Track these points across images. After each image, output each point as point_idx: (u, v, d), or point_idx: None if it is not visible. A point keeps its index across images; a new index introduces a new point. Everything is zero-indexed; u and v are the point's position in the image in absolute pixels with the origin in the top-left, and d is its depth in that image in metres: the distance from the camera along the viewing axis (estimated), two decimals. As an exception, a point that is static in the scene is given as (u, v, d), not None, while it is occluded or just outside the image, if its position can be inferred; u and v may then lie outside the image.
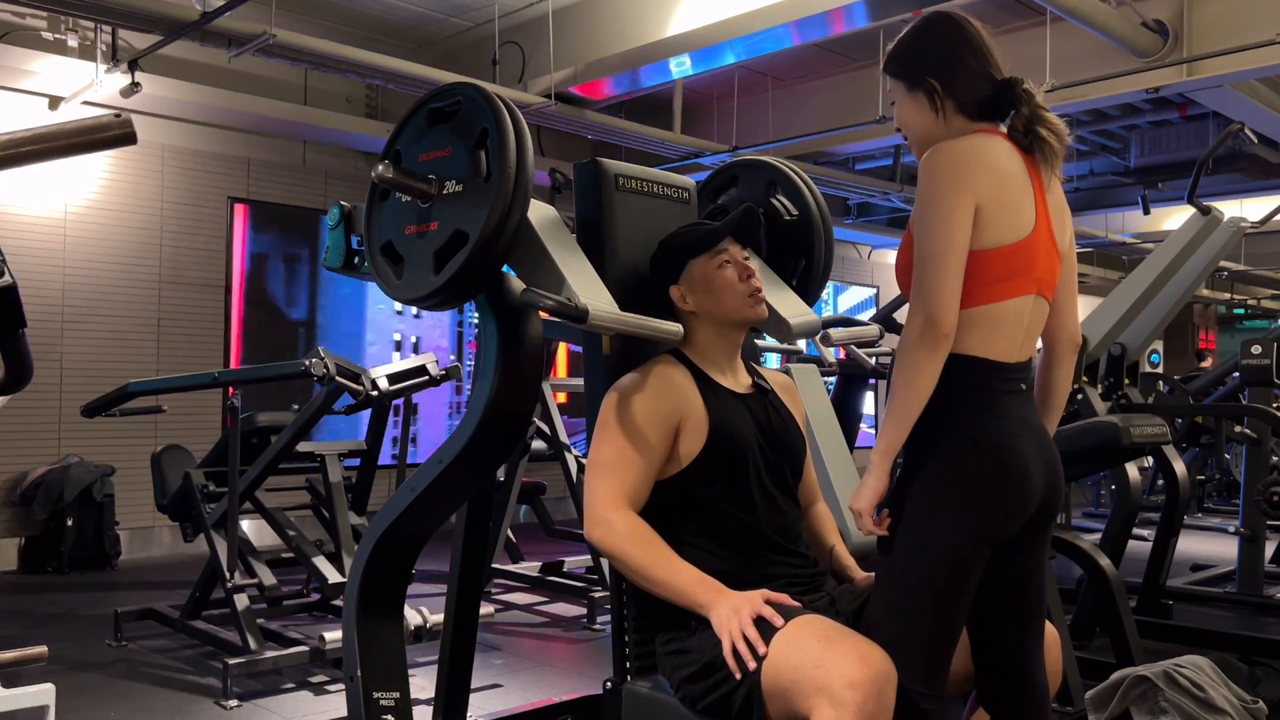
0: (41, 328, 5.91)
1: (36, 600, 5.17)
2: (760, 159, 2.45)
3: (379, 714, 2.04)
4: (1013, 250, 1.69)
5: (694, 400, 1.91)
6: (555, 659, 4.23)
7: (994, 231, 1.67)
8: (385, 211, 1.98)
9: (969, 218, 1.65)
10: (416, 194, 1.89)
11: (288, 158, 7.18)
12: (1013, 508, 1.69)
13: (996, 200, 1.68)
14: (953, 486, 1.67)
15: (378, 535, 2.06)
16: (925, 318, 1.63)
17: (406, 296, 1.91)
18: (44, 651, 2.42)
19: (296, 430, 4.04)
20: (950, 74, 1.77)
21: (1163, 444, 3.85)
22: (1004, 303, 1.70)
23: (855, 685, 1.52)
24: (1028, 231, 1.71)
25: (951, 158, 1.69)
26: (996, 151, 1.72)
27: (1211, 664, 3.08)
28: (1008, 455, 1.67)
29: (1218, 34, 5.46)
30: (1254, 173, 8.95)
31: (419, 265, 1.88)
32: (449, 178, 1.86)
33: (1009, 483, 1.67)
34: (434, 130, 1.92)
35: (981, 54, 1.79)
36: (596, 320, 1.74)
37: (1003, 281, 1.69)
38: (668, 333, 1.85)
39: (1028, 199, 1.73)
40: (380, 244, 1.98)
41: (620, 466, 1.83)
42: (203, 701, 3.55)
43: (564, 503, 6.77)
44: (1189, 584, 5.22)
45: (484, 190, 1.80)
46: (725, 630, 1.69)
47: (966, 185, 1.66)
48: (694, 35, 5.65)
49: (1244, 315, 17.57)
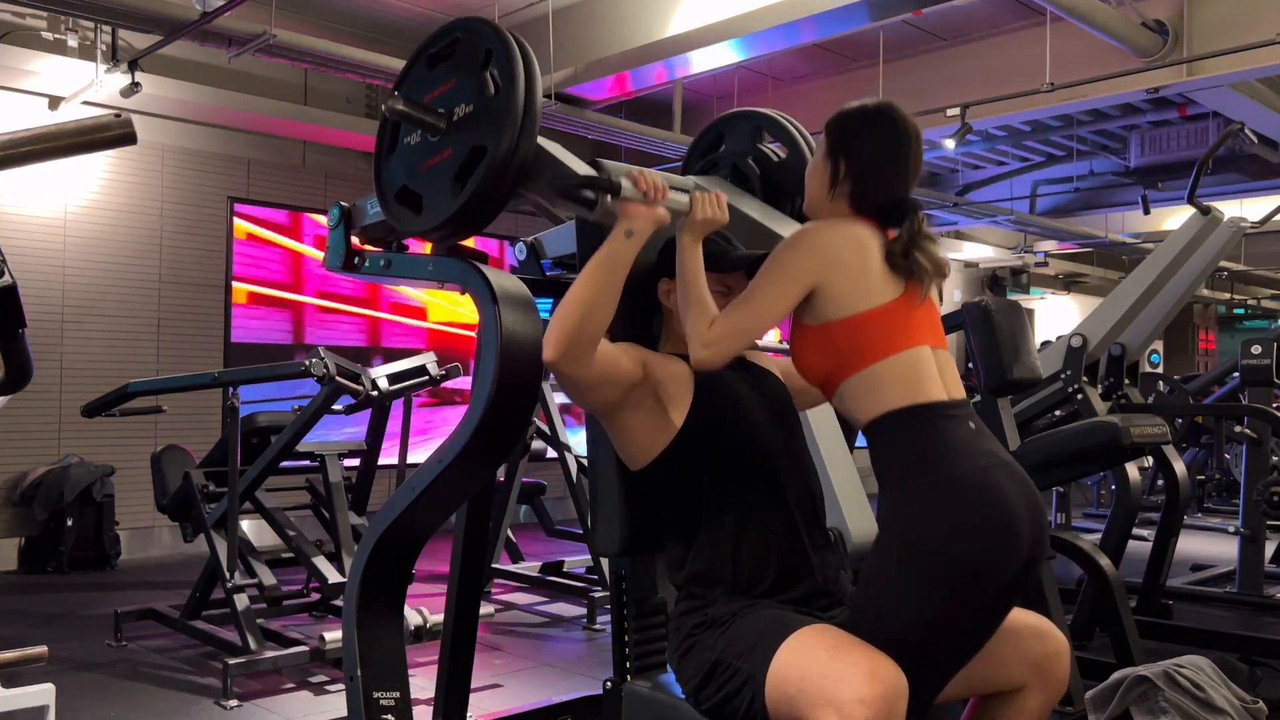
0: (41, 328, 5.91)
1: (36, 600, 5.17)
2: (744, 110, 2.45)
3: (379, 714, 2.03)
4: (882, 311, 1.75)
5: (676, 364, 1.92)
6: (555, 659, 4.23)
7: (851, 301, 1.74)
8: (395, 161, 2.00)
9: (795, 298, 1.75)
10: (428, 127, 1.90)
11: (288, 158, 7.18)
12: (994, 547, 1.61)
13: (841, 278, 1.74)
14: (920, 545, 1.61)
15: (378, 535, 2.06)
16: (708, 336, 1.74)
17: (429, 225, 1.92)
18: (44, 651, 2.42)
19: (296, 430, 4.04)
20: (859, 173, 1.83)
21: (1163, 444, 3.84)
22: (903, 353, 1.74)
23: (866, 701, 1.48)
24: (893, 297, 1.76)
25: (814, 243, 1.77)
26: (859, 235, 1.79)
27: (1211, 664, 3.08)
28: (974, 489, 1.63)
29: (1218, 34, 5.47)
30: (1254, 173, 8.95)
31: (438, 193, 1.90)
32: (458, 104, 1.88)
33: (980, 515, 1.61)
34: (435, 71, 1.94)
35: (902, 162, 1.84)
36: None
37: (889, 338, 1.74)
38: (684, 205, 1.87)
39: (891, 273, 1.78)
40: (394, 191, 2.00)
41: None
42: (203, 701, 3.55)
43: (564, 503, 6.76)
44: (1189, 584, 5.22)
45: (496, 103, 1.82)
46: (631, 205, 1.77)
47: (809, 270, 1.74)
48: (694, 35, 5.65)
49: (1244, 315, 17.57)
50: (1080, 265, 13.56)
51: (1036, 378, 3.50)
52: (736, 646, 1.70)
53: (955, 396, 1.77)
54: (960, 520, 1.62)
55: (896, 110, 1.87)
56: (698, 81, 7.29)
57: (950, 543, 1.61)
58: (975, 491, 1.63)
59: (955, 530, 1.61)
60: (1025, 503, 1.66)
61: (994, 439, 1.76)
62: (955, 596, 1.61)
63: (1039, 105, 6.30)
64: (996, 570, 1.62)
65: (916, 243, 1.79)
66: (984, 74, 6.49)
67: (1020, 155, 9.62)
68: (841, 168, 1.84)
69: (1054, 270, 13.29)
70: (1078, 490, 9.16)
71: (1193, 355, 16.26)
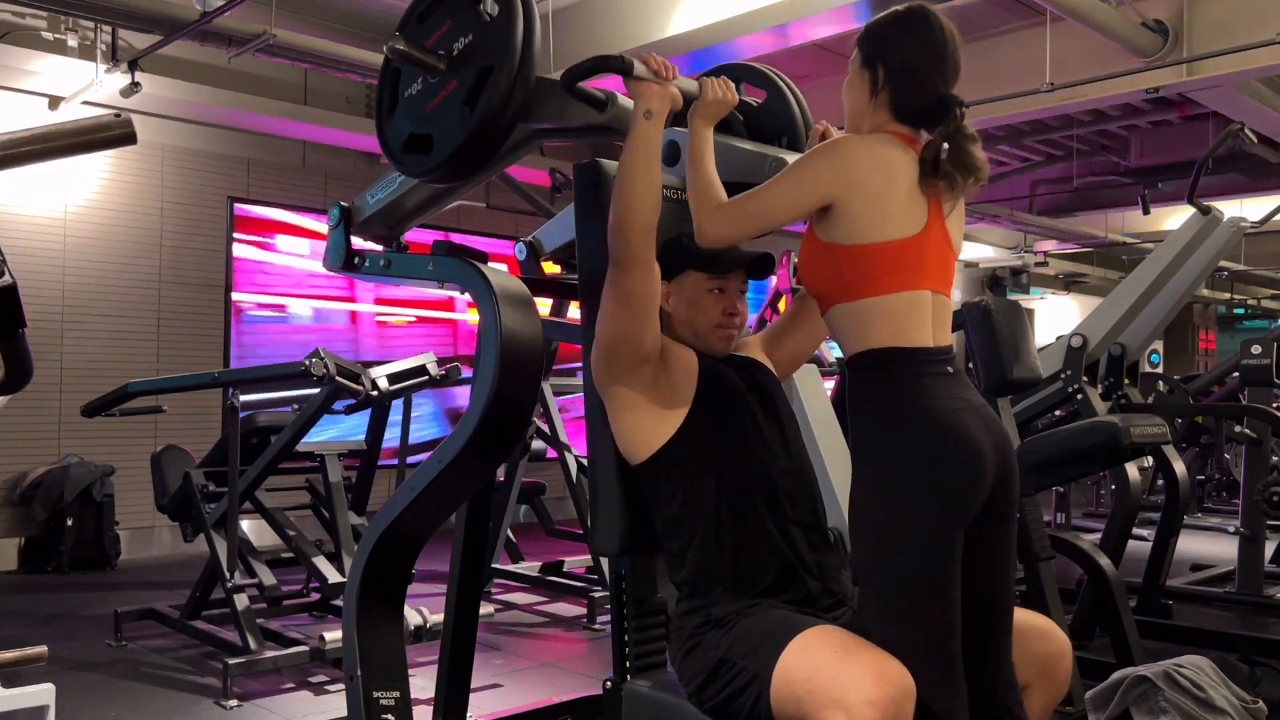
0: (41, 328, 5.91)
1: (36, 600, 5.17)
2: (718, 65, 2.45)
3: (379, 714, 2.03)
4: (899, 245, 1.73)
5: (685, 354, 1.94)
6: (555, 659, 4.23)
7: (869, 228, 1.73)
8: (398, 115, 2.01)
9: (807, 207, 1.76)
10: (429, 68, 1.91)
11: (288, 158, 7.18)
12: (966, 479, 1.67)
13: (861, 199, 1.72)
14: (901, 473, 1.68)
15: (378, 535, 2.06)
16: (720, 216, 1.79)
17: (443, 158, 1.91)
18: (44, 651, 2.42)
19: (296, 430, 4.04)
20: (898, 74, 1.81)
21: (1163, 444, 3.85)
22: (900, 294, 1.74)
23: (874, 703, 1.48)
24: (914, 231, 1.75)
25: (838, 152, 1.76)
26: (889, 155, 1.77)
27: (1211, 664, 3.08)
28: (947, 428, 1.68)
29: (1218, 34, 5.46)
30: (1254, 173, 8.95)
31: (448, 125, 1.90)
32: (458, 38, 1.90)
33: (954, 452, 1.66)
34: (427, 23, 1.96)
35: (938, 61, 1.81)
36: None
37: (893, 275, 1.73)
38: (691, 91, 1.88)
39: (916, 203, 1.76)
40: (401, 143, 2.00)
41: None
42: (203, 701, 3.55)
43: (564, 503, 6.76)
44: (1189, 584, 5.22)
45: (495, 25, 1.84)
46: (644, 84, 1.79)
47: (829, 181, 1.73)
48: (694, 35, 5.64)
49: (1244, 315, 17.57)
50: (1080, 265, 13.56)
51: (1036, 378, 3.50)
52: (742, 645, 1.70)
53: (941, 343, 1.78)
54: (926, 449, 1.67)
55: (928, 9, 1.84)
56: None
57: (917, 469, 1.67)
58: (942, 426, 1.68)
59: (920, 457, 1.67)
60: (991, 441, 1.71)
61: (970, 387, 1.79)
62: (931, 516, 1.65)
63: (1038, 105, 6.29)
64: (964, 495, 1.67)
65: (954, 141, 1.75)
66: (983, 74, 6.48)
67: (1020, 155, 9.61)
68: (879, 75, 1.82)
69: (1054, 270, 13.29)
70: (1078, 490, 9.15)
71: (1193, 355, 16.25)
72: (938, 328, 1.78)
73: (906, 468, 1.68)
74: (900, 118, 1.82)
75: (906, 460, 1.68)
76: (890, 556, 1.66)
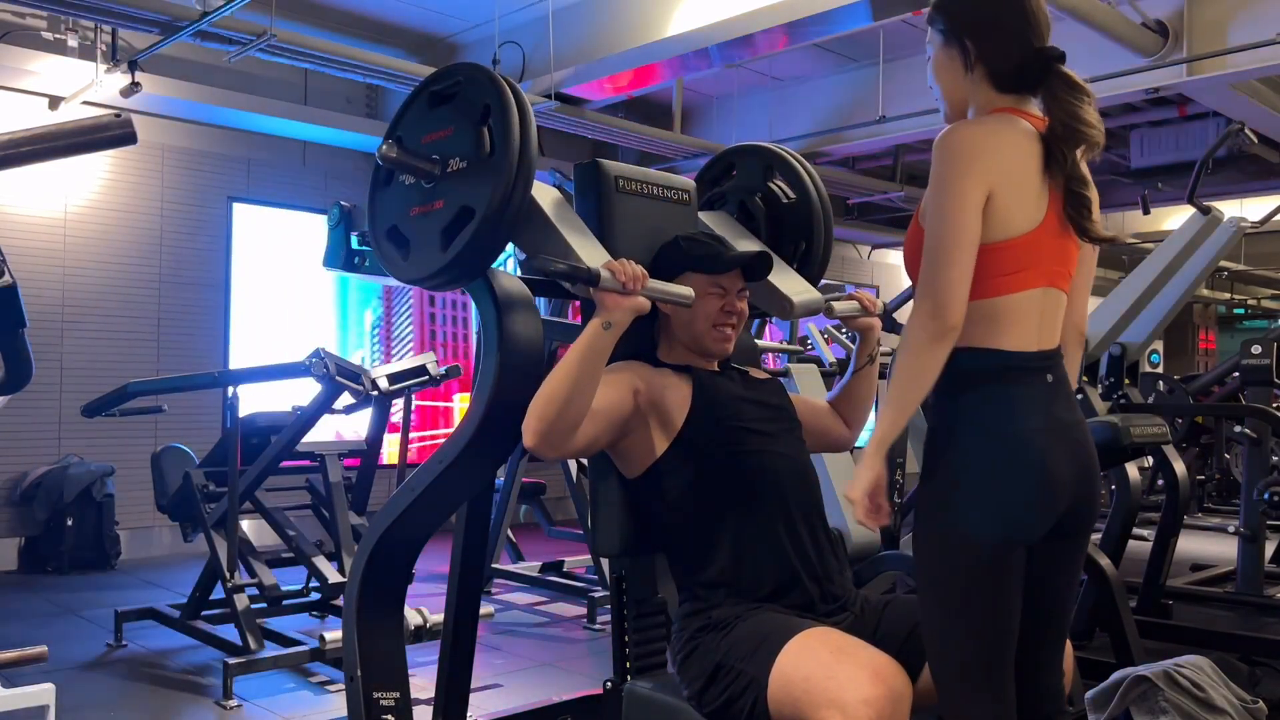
0: (41, 328, 5.91)
1: (36, 600, 5.17)
2: (757, 145, 2.44)
3: (379, 714, 2.03)
4: (1020, 243, 1.61)
5: (674, 383, 1.92)
6: (555, 659, 4.23)
7: (1001, 223, 1.60)
8: (389, 196, 1.98)
9: (979, 207, 1.58)
10: (421, 174, 1.88)
11: (288, 158, 7.18)
12: (1035, 503, 1.59)
13: (1006, 189, 1.59)
14: (970, 479, 1.60)
15: (378, 535, 2.06)
16: (932, 307, 1.56)
17: (413, 276, 1.91)
18: (44, 651, 2.42)
19: (296, 430, 4.04)
20: (986, 38, 1.69)
21: (1163, 444, 3.84)
22: (1009, 296, 1.62)
23: (870, 702, 1.49)
24: (1037, 223, 1.62)
25: (966, 142, 1.62)
26: (1013, 136, 1.64)
27: (1211, 664, 3.08)
28: (1024, 448, 1.59)
29: (1218, 34, 5.46)
30: (1254, 173, 8.94)
31: (425, 244, 1.88)
32: (453, 155, 1.86)
33: (1027, 480, 1.58)
34: (435, 112, 1.93)
35: (1024, 17, 1.69)
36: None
37: (1008, 275, 1.61)
38: (681, 296, 1.85)
39: (1040, 187, 1.63)
40: (385, 229, 1.98)
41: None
42: (203, 701, 3.55)
43: (564, 503, 6.76)
44: (1189, 584, 5.21)
45: (489, 164, 1.80)
46: (609, 295, 1.74)
47: (978, 172, 1.58)
48: (694, 35, 5.64)
49: (1244, 315, 17.56)
50: (1081, 265, 13.54)
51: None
52: (739, 649, 1.70)
53: (1044, 347, 1.66)
54: (1000, 475, 1.59)
55: None
56: (698, 81, 7.30)
57: (986, 491, 1.59)
58: (1022, 453, 1.59)
59: (993, 481, 1.59)
60: (1074, 468, 1.62)
61: (1066, 398, 1.67)
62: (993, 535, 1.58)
63: (1039, 105, 6.29)
64: (1032, 517, 1.60)
65: (1059, 99, 1.62)
66: (984, 74, 6.47)
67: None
68: (969, 46, 1.69)
69: (1054, 270, 13.27)
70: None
71: (1193, 355, 16.24)
72: (1044, 328, 1.66)
73: (971, 481, 1.60)
74: (1002, 88, 1.69)
75: (973, 474, 1.60)
76: (939, 552, 1.63)
